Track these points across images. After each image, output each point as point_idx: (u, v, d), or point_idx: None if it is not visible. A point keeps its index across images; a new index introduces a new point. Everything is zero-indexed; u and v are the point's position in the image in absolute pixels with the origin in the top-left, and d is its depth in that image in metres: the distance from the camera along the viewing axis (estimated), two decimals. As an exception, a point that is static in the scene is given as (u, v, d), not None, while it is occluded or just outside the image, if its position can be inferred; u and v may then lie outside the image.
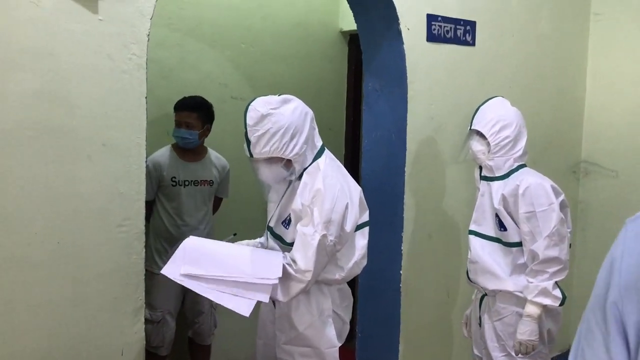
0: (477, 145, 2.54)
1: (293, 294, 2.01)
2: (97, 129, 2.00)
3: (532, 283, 2.37)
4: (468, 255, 2.62)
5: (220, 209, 3.50)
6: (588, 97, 3.93)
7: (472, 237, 2.59)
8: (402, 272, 2.96)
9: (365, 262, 2.21)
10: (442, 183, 3.12)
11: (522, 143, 2.50)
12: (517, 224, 2.43)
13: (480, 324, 2.60)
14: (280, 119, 1.99)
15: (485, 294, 2.57)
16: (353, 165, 4.06)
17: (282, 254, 2.06)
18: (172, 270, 1.94)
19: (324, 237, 1.96)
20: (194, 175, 3.23)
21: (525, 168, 2.52)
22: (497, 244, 2.52)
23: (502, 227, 2.48)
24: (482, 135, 2.51)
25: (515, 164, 2.49)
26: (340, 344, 2.19)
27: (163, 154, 3.22)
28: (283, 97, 2.06)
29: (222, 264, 1.98)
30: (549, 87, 3.66)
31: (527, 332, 2.36)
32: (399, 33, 2.80)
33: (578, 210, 3.93)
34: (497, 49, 3.29)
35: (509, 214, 2.44)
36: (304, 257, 1.97)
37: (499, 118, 2.47)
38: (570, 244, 2.46)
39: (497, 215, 2.49)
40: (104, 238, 2.04)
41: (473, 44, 3.14)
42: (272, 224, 2.22)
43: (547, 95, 3.65)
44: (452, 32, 3.03)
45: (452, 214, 3.18)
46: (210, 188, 3.31)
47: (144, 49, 2.08)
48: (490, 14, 3.23)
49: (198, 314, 3.31)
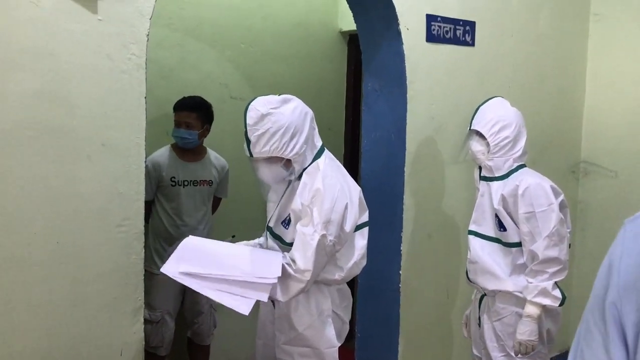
0: (476, 146, 2.54)
1: (292, 294, 2.01)
2: (96, 129, 2.00)
3: (531, 283, 2.37)
4: (467, 256, 2.62)
5: (220, 209, 3.50)
6: (588, 97, 3.93)
7: (471, 237, 2.59)
8: (401, 272, 2.96)
9: (365, 262, 2.21)
10: (441, 183, 3.12)
11: (521, 143, 2.50)
12: (516, 224, 2.43)
13: (480, 324, 2.60)
14: (280, 119, 1.99)
15: (485, 294, 2.57)
16: (352, 166, 4.06)
17: (281, 254, 2.06)
18: (171, 268, 1.94)
19: (324, 237, 1.96)
20: (194, 176, 3.23)
21: (525, 168, 2.52)
22: (496, 244, 2.52)
23: (501, 227, 2.48)
24: (481, 136, 2.51)
25: (515, 164, 2.49)
26: (340, 344, 2.19)
27: (162, 154, 3.21)
28: (283, 96, 2.06)
29: (221, 263, 1.98)
30: (549, 87, 3.66)
31: (526, 332, 2.36)
32: (399, 33, 2.80)
33: (577, 211, 3.93)
34: (496, 49, 3.29)
35: (509, 214, 2.44)
36: (303, 256, 1.97)
37: (499, 118, 2.47)
38: (570, 244, 2.46)
39: (496, 216, 2.49)
40: (104, 238, 2.05)
41: (473, 44, 3.14)
42: (271, 224, 2.22)
43: (546, 95, 3.65)
44: (451, 32, 3.03)
45: (451, 214, 3.18)
46: (210, 188, 3.31)
47: (144, 49, 2.08)
48: (490, 14, 3.23)
49: (197, 314, 3.31)
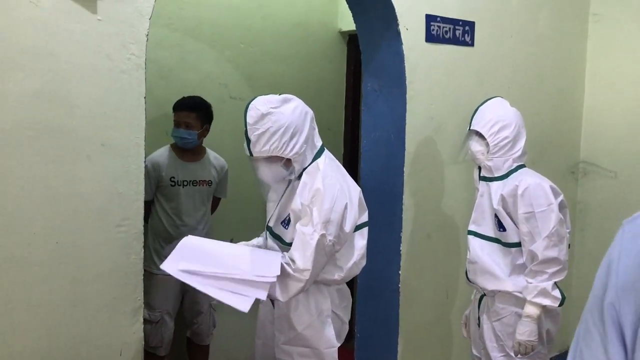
0: (476, 146, 2.54)
1: (292, 294, 2.01)
2: (96, 129, 2.00)
3: (531, 283, 2.37)
4: (467, 256, 2.62)
5: (220, 209, 3.50)
6: (587, 97, 3.93)
7: (471, 237, 2.59)
8: (401, 272, 2.96)
9: (364, 262, 2.21)
10: (441, 183, 3.12)
11: (521, 143, 2.50)
12: (516, 225, 2.43)
13: (479, 324, 2.60)
14: (281, 118, 1.99)
15: (484, 294, 2.57)
16: (352, 166, 4.06)
17: (280, 254, 2.06)
18: (171, 266, 1.93)
19: (323, 236, 1.96)
20: (193, 176, 3.23)
21: (525, 168, 2.52)
22: (496, 245, 2.52)
23: (501, 227, 2.48)
24: (481, 136, 2.51)
25: (514, 165, 2.49)
26: (339, 344, 2.20)
27: (162, 154, 3.21)
28: (283, 96, 2.06)
29: (220, 262, 1.98)
30: (548, 87, 3.66)
31: (526, 332, 2.36)
32: (398, 33, 2.80)
33: (577, 211, 3.93)
34: (496, 50, 3.29)
35: (508, 215, 2.45)
36: (303, 256, 1.97)
37: (498, 118, 2.47)
38: (569, 245, 2.46)
39: (496, 216, 2.49)
40: (103, 238, 2.05)
41: (472, 45, 3.14)
42: (271, 224, 2.22)
43: (546, 96, 3.65)
44: (451, 32, 3.03)
45: (451, 214, 3.18)
46: (209, 188, 3.31)
47: (143, 49, 2.08)
48: (490, 15, 3.23)
49: (197, 314, 3.31)
